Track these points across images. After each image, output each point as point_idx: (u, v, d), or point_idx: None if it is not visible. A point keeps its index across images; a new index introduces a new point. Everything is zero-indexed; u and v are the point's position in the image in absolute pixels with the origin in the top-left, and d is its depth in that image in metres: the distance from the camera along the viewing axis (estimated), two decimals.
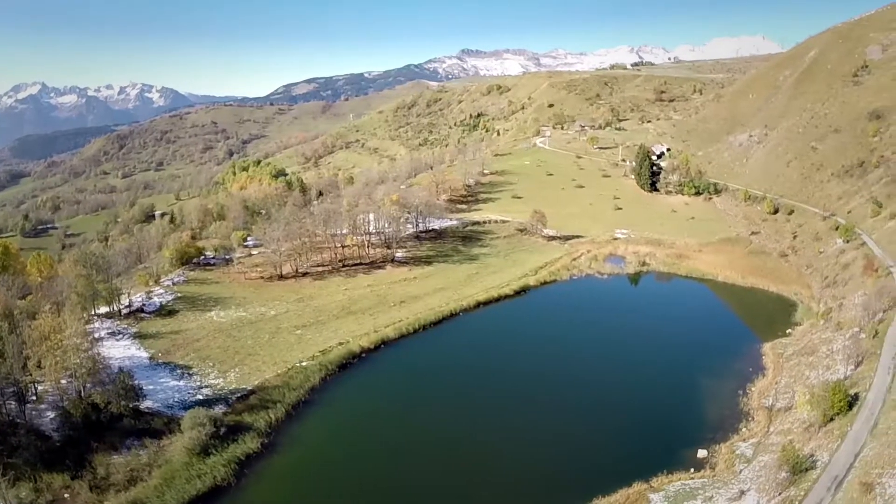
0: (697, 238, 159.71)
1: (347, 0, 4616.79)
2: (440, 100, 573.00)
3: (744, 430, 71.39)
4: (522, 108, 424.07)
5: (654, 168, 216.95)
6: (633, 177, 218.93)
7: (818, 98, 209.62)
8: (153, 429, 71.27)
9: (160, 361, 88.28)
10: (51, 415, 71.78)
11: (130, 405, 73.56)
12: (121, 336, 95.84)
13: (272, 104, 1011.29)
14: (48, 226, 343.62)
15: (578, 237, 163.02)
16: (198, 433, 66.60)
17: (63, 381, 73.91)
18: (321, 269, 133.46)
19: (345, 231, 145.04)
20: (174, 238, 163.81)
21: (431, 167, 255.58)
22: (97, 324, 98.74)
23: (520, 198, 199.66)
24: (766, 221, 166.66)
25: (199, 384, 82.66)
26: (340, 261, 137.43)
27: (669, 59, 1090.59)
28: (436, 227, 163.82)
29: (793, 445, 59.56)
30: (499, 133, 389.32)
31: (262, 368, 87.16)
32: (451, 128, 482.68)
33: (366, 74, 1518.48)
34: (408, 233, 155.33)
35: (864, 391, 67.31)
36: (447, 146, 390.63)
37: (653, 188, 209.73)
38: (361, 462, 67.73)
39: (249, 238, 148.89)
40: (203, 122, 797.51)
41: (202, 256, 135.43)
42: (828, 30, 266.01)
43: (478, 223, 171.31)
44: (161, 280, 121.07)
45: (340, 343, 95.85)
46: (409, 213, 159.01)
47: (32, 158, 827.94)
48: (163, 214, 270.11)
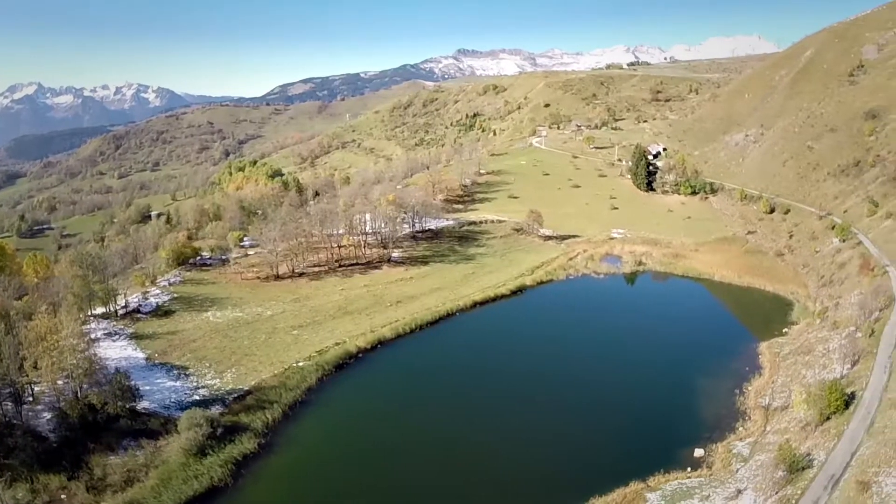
0: (694, 237, 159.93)
1: (344, 0, 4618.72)
2: (436, 100, 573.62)
3: (740, 430, 71.37)
4: (518, 108, 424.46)
5: (651, 168, 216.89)
6: (630, 176, 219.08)
7: (814, 97, 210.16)
8: (150, 429, 71.05)
9: (157, 362, 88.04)
10: (47, 416, 71.56)
11: (127, 406, 73.35)
12: (117, 337, 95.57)
13: (268, 104, 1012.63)
14: (44, 226, 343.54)
15: (575, 237, 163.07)
16: (194, 434, 66.46)
17: (59, 382, 73.62)
18: (318, 270, 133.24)
19: (341, 231, 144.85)
20: (170, 238, 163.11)
21: (428, 167, 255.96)
22: (93, 324, 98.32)
23: (516, 197, 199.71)
24: (763, 221, 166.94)
25: (196, 385, 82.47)
26: (337, 261, 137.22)
27: (665, 59, 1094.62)
28: (432, 227, 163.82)
29: (789, 444, 59.51)
30: (495, 133, 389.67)
31: (259, 369, 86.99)
32: (448, 128, 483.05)
33: (362, 74, 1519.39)
34: (404, 233, 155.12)
35: (861, 390, 67.43)
36: (443, 146, 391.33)
37: (649, 188, 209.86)
38: (358, 462, 67.71)
39: (246, 238, 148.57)
40: (199, 123, 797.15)
41: (198, 257, 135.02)
42: (824, 29, 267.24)
43: (474, 223, 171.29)
44: (157, 280, 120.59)
45: (337, 343, 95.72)
46: (406, 213, 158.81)
47: (28, 159, 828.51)
48: (159, 215, 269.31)
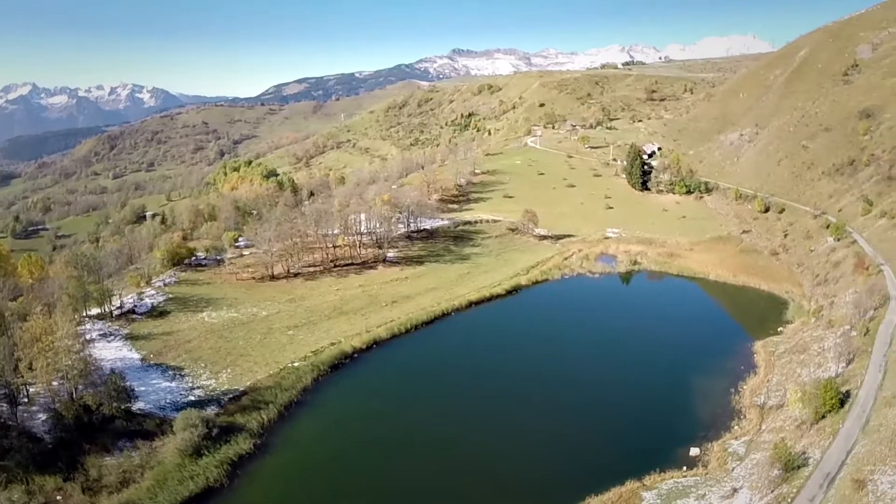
0: (689, 237, 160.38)
1: (339, 0, 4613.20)
2: (431, 100, 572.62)
3: (736, 429, 71.48)
4: (513, 108, 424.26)
5: (646, 167, 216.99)
6: (625, 176, 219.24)
7: (809, 97, 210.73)
8: (145, 430, 70.86)
9: (152, 363, 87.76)
10: (42, 417, 71.25)
11: (122, 407, 73.06)
12: (112, 337, 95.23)
13: (263, 104, 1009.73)
14: (39, 227, 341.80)
15: (570, 236, 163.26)
16: (190, 434, 66.25)
17: (55, 383, 73.33)
18: (313, 270, 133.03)
19: (336, 231, 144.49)
20: (165, 239, 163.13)
21: (423, 167, 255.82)
22: (88, 325, 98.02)
23: (511, 197, 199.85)
24: (758, 220, 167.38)
25: (191, 385, 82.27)
26: (332, 261, 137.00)
27: (660, 59, 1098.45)
28: (427, 227, 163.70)
29: (785, 443, 59.67)
30: (490, 133, 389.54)
31: (254, 369, 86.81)
32: (443, 128, 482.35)
33: (357, 74, 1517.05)
34: (399, 233, 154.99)
35: (856, 388, 67.59)
36: (438, 146, 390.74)
37: (644, 187, 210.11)
38: (354, 462, 67.63)
39: (241, 239, 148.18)
40: (194, 123, 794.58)
41: (193, 257, 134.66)
42: (818, 29, 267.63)
43: (469, 223, 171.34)
44: (152, 281, 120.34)
45: (332, 343, 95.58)
46: (401, 213, 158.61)
47: (23, 159, 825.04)
48: (154, 215, 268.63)
